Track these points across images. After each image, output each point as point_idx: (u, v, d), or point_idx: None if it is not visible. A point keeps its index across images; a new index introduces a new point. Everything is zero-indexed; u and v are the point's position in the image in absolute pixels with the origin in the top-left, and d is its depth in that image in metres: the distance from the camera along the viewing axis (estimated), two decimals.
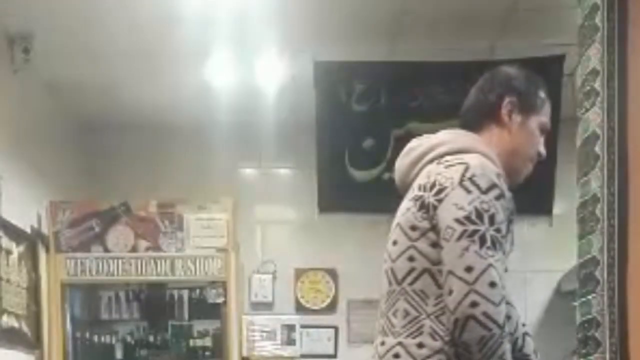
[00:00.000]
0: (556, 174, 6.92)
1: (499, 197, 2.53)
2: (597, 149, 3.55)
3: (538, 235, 7.53)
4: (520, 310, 7.49)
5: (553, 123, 6.26)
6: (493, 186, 2.52)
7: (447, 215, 2.50)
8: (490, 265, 2.46)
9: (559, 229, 6.92)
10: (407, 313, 2.58)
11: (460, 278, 2.43)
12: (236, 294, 7.12)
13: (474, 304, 2.41)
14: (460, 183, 2.51)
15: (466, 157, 2.59)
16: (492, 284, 2.44)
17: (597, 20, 3.56)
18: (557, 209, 7.12)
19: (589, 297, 3.60)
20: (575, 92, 3.80)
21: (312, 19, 5.87)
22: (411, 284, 2.57)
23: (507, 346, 2.47)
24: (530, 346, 2.92)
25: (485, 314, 2.41)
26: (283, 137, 7.61)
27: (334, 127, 6.49)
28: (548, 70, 6.41)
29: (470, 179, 2.51)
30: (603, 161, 3.52)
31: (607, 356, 3.48)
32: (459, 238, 2.46)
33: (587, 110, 3.64)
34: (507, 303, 2.56)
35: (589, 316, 3.60)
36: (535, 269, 7.54)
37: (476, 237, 2.46)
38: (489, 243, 2.48)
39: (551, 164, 6.91)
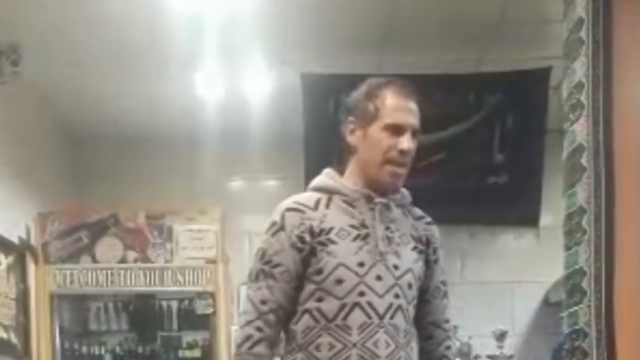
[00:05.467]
0: (543, 186, 6.96)
1: (275, 233, 2.78)
2: (583, 160, 3.59)
3: (525, 246, 7.58)
4: (508, 320, 7.55)
5: (539, 136, 6.31)
6: (272, 225, 2.80)
7: None
8: (247, 296, 2.81)
9: (546, 240, 6.96)
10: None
11: None
12: (225, 305, 7.12)
13: None
14: None
15: None
16: (242, 312, 2.81)
17: (583, 33, 3.60)
18: (544, 221, 7.15)
19: (576, 308, 3.63)
20: (562, 104, 3.83)
21: (299, 32, 5.89)
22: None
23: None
24: None
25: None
26: (271, 148, 7.62)
27: (322, 138, 6.51)
28: (534, 83, 6.46)
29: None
30: (589, 173, 3.56)
31: None
32: None
33: (573, 122, 3.67)
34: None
35: (576, 327, 3.62)
36: (522, 280, 7.57)
37: (251, 274, 2.81)
38: (253, 277, 2.79)
39: (538, 176, 6.95)
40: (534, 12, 5.65)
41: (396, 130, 2.75)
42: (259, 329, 2.74)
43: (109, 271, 6.84)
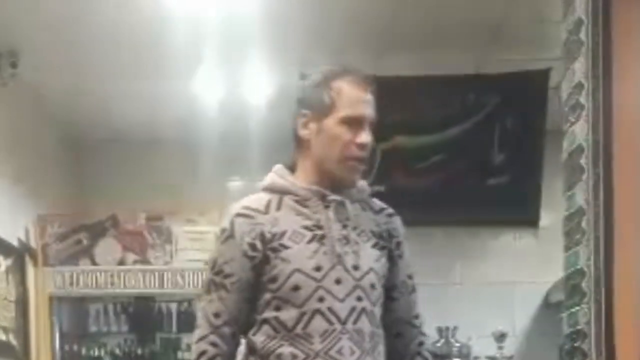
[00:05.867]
0: (543, 187, 6.95)
1: (224, 240, 2.65)
2: (582, 161, 3.58)
3: (525, 246, 7.57)
4: (508, 321, 7.53)
5: (539, 137, 6.30)
6: (222, 232, 2.67)
7: None
8: (201, 309, 2.69)
9: (546, 240, 6.95)
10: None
11: None
12: None
13: None
14: None
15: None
16: (196, 326, 2.69)
17: (582, 34, 3.60)
18: (544, 221, 7.15)
19: (576, 308, 3.62)
20: (561, 105, 3.82)
21: (298, 32, 5.88)
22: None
23: None
24: None
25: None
26: (271, 149, 7.60)
27: None
28: (534, 84, 6.46)
29: None
30: (588, 174, 3.55)
31: None
32: None
33: (572, 123, 3.67)
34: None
35: (576, 328, 3.62)
36: (522, 280, 7.55)
37: (204, 285, 2.71)
38: (205, 288, 2.69)
39: (538, 177, 6.95)
40: (534, 13, 5.64)
41: (354, 123, 2.62)
42: (213, 344, 2.63)
43: (109, 273, 6.84)
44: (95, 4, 5.48)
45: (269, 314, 2.61)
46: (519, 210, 7.26)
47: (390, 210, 2.84)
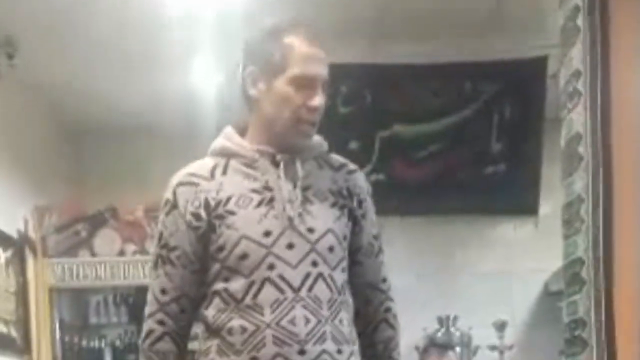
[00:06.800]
0: (542, 175, 6.95)
1: (168, 212, 2.52)
2: (580, 149, 3.56)
3: (525, 235, 7.55)
4: (508, 310, 7.52)
5: (537, 124, 6.31)
6: (165, 203, 2.55)
7: None
8: (149, 285, 2.56)
9: (545, 229, 6.94)
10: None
11: None
12: None
13: None
14: None
15: None
16: (148, 302, 2.56)
17: (579, 21, 3.58)
18: (543, 210, 7.14)
19: (576, 297, 3.61)
20: (559, 93, 3.81)
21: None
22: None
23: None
24: (382, 333, 2.66)
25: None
26: None
27: (319, 129, 6.48)
28: (532, 72, 6.45)
29: None
30: (587, 162, 3.53)
31: (594, 356, 3.49)
32: None
33: (570, 111, 3.65)
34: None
35: (576, 316, 3.61)
36: (522, 270, 7.53)
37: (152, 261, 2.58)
38: (152, 264, 2.55)
39: (537, 165, 6.95)
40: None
41: (306, 83, 2.44)
42: (160, 323, 2.51)
43: (108, 264, 6.83)
44: None
45: (218, 285, 2.46)
46: (518, 199, 7.26)
47: (352, 167, 2.66)
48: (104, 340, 7.39)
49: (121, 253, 6.85)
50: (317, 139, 2.60)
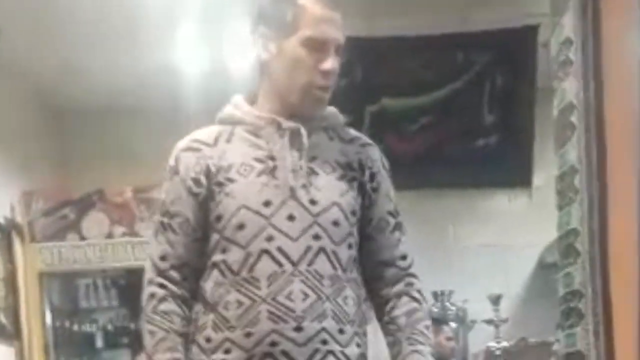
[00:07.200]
0: (535, 146, 6.92)
1: (171, 178, 2.42)
2: (573, 119, 3.52)
3: (519, 208, 7.53)
4: (503, 283, 7.50)
5: (530, 94, 6.22)
6: (168, 169, 2.44)
7: None
8: (149, 253, 2.45)
9: (539, 201, 6.90)
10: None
11: None
12: None
13: None
14: None
15: None
16: (147, 270, 2.44)
17: None
18: (537, 181, 7.11)
19: (571, 269, 3.58)
20: (550, 62, 3.76)
21: None
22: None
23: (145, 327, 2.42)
24: (403, 307, 2.47)
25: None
26: None
27: None
28: (523, 41, 6.40)
29: None
30: (580, 131, 3.49)
31: (591, 327, 3.46)
32: None
33: (562, 80, 3.61)
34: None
35: (572, 288, 3.58)
36: (516, 242, 7.51)
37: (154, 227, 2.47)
38: (154, 230, 2.45)
39: (529, 136, 6.91)
40: None
41: (319, 46, 2.34)
42: (161, 286, 2.36)
43: (97, 247, 6.77)
44: None
45: (217, 257, 2.35)
46: (511, 171, 7.24)
47: (365, 140, 2.54)
48: (96, 324, 7.36)
49: (110, 235, 6.80)
50: (331, 109, 2.49)
